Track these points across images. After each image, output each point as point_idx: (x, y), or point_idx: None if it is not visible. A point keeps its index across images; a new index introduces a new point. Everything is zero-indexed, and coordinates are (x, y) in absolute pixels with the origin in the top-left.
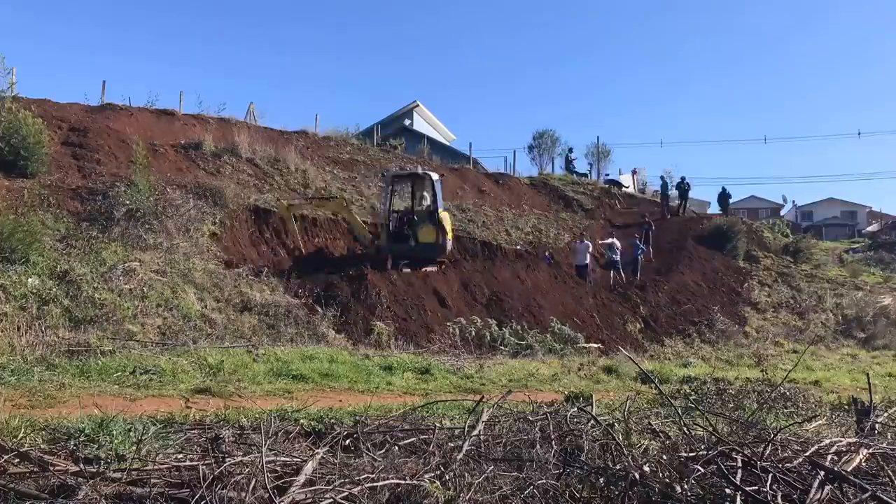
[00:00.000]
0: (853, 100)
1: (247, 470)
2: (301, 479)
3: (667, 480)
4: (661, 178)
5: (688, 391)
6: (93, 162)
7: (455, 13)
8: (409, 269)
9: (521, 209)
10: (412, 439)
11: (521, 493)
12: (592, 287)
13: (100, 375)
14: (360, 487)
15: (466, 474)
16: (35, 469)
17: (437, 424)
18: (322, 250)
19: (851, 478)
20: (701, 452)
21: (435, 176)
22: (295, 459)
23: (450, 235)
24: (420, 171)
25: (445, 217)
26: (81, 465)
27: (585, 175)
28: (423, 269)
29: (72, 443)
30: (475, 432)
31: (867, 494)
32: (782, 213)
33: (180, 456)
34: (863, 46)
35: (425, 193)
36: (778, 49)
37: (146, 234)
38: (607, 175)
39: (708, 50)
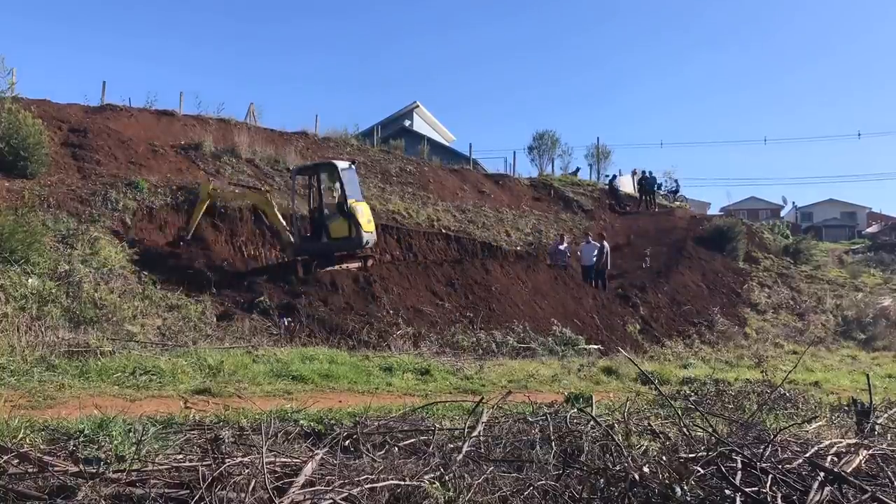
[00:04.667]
0: (853, 100)
1: (246, 471)
2: (301, 479)
3: (667, 481)
4: (641, 171)
5: (688, 392)
6: (93, 162)
7: (454, 13)
8: (328, 269)
9: (521, 210)
10: (412, 440)
11: (520, 494)
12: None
13: (99, 376)
14: (359, 488)
15: (466, 475)
16: (35, 470)
17: (437, 425)
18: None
19: (851, 479)
20: (701, 453)
21: (342, 164)
22: (295, 460)
23: (369, 227)
24: (323, 160)
25: (359, 207)
26: (81, 466)
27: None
28: (345, 267)
29: (71, 443)
30: (475, 433)
31: (867, 496)
32: (782, 214)
33: (180, 457)
34: (863, 47)
35: (335, 184)
36: (776, 50)
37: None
38: (607, 176)
39: (708, 50)
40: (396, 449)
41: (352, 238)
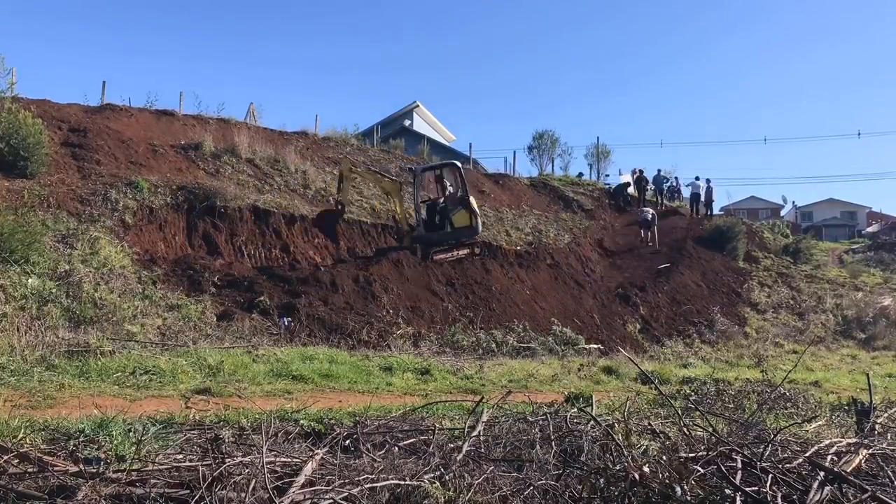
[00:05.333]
0: (853, 99)
1: (247, 470)
2: (301, 479)
3: (667, 481)
4: (639, 171)
5: (688, 392)
6: (93, 162)
7: (454, 12)
8: (441, 256)
9: (520, 210)
10: (412, 440)
11: (520, 494)
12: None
13: (99, 376)
14: (359, 488)
15: (466, 475)
16: (35, 469)
17: (437, 425)
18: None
19: (851, 478)
20: (701, 453)
21: (459, 164)
22: (295, 460)
23: (480, 218)
24: (447, 161)
25: (473, 201)
26: (81, 466)
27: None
28: (456, 254)
29: (71, 443)
30: (475, 433)
31: (867, 495)
32: (782, 213)
33: (180, 456)
34: (863, 46)
35: (453, 181)
36: (776, 49)
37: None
38: (607, 175)
39: (707, 49)
40: (396, 449)
41: (472, 227)
